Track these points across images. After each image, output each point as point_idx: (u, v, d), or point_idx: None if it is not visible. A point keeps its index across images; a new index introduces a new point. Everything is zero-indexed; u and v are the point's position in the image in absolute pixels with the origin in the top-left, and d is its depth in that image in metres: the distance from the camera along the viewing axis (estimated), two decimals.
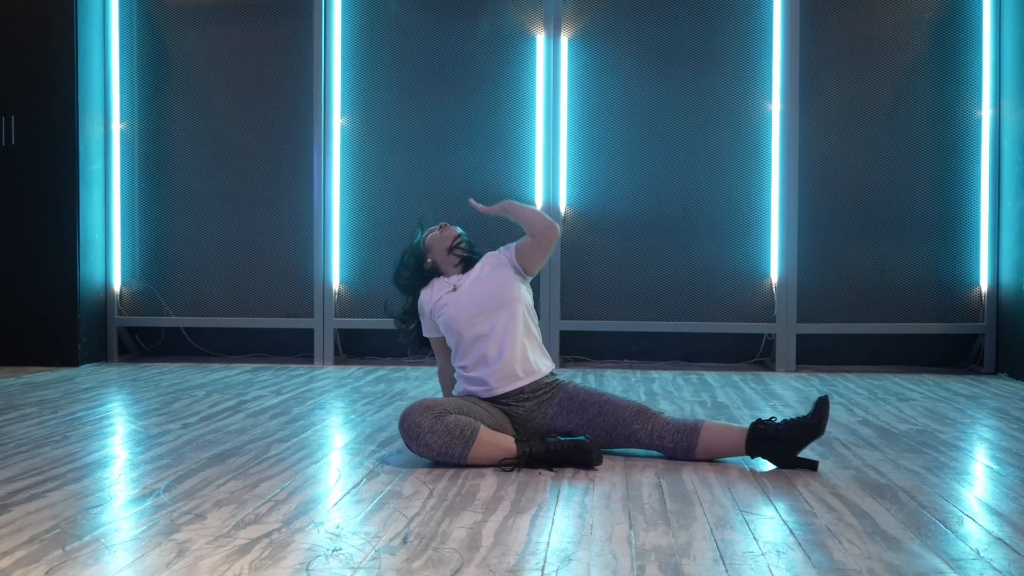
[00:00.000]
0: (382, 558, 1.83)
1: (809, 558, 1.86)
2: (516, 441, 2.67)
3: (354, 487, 2.42)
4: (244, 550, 1.88)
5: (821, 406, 2.65)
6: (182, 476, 2.53)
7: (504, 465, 2.63)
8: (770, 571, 1.78)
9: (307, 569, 1.76)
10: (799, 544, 1.95)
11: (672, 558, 1.85)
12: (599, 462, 2.67)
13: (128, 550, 1.88)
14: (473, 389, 2.88)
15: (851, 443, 3.04)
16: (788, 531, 2.04)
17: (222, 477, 2.52)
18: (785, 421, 2.67)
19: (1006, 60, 4.89)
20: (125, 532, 2.01)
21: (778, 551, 1.90)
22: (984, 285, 5.03)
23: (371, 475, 2.56)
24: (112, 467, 2.65)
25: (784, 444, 2.62)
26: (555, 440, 2.67)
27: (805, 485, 2.46)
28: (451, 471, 2.60)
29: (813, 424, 2.62)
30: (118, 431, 3.23)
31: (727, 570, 1.79)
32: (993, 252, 4.99)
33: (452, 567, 1.78)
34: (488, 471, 2.61)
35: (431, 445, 2.62)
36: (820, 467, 2.64)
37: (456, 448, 2.62)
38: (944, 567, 1.81)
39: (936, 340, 5.20)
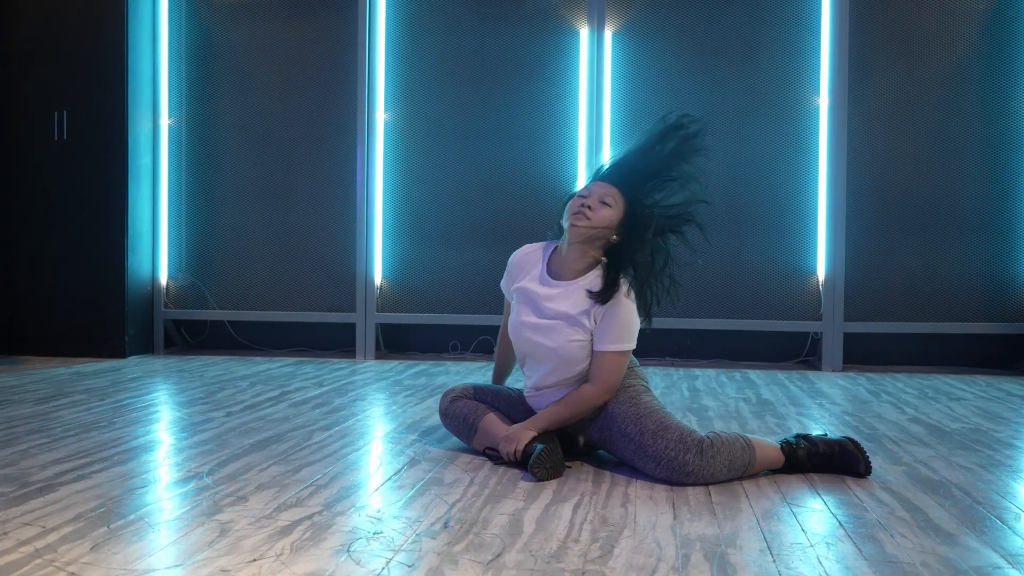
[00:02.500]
0: (423, 541, 1.82)
1: (860, 550, 1.81)
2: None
3: (395, 474, 2.41)
4: (286, 531, 1.88)
5: (849, 450, 2.42)
6: (225, 461, 2.54)
7: (488, 454, 2.57)
8: (819, 563, 1.73)
9: (348, 551, 1.75)
10: (849, 537, 1.90)
11: (718, 547, 1.81)
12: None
13: (171, 529, 1.89)
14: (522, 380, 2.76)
15: (901, 440, 2.97)
16: (837, 523, 1.99)
17: (265, 462, 2.53)
18: (816, 452, 2.44)
19: None
20: (168, 512, 2.02)
21: (827, 543, 1.85)
22: None
23: (412, 463, 2.55)
24: (156, 451, 2.68)
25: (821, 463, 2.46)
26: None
27: (854, 480, 2.40)
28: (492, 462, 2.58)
29: (840, 466, 2.43)
30: (163, 418, 3.26)
31: (775, 560, 1.74)
32: None
33: (494, 551, 1.76)
34: None
35: (448, 428, 2.73)
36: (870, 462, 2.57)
37: (464, 433, 2.68)
38: (1002, 562, 1.75)
39: (987, 340, 5.06)
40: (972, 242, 4.97)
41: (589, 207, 2.51)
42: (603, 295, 2.49)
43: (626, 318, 2.51)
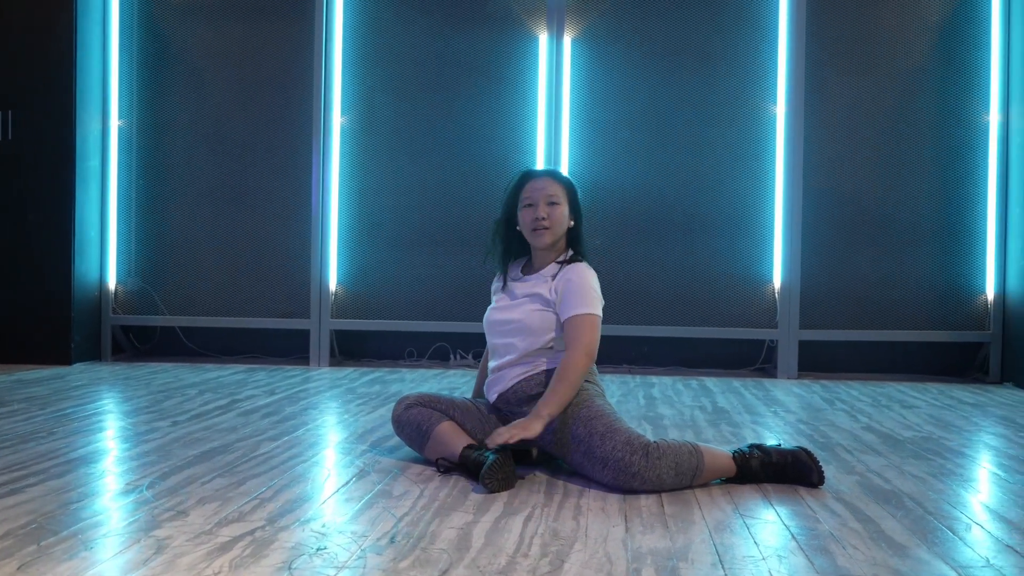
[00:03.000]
0: (368, 557, 1.76)
1: (812, 563, 1.79)
2: (468, 448, 2.48)
3: (343, 486, 2.35)
4: (225, 547, 1.81)
5: (802, 460, 2.41)
6: (167, 473, 2.46)
7: (440, 464, 2.51)
8: None
9: (289, 568, 1.70)
10: (801, 549, 1.88)
11: (669, 561, 1.78)
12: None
13: (105, 546, 1.81)
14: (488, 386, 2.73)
15: (855, 448, 2.97)
16: (790, 536, 1.97)
17: (208, 474, 2.45)
18: (769, 462, 2.42)
19: (1015, 63, 4.84)
20: (104, 528, 1.94)
21: (779, 556, 1.83)
22: (990, 293, 4.96)
23: (361, 474, 2.49)
24: (97, 463, 2.59)
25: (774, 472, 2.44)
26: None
27: (807, 490, 2.39)
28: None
29: (792, 476, 2.42)
30: (106, 428, 3.17)
31: (726, 574, 1.72)
32: (1000, 259, 4.91)
33: (440, 567, 1.71)
34: None
35: (401, 435, 2.68)
36: (823, 471, 2.56)
37: (416, 441, 2.62)
38: (952, 575, 1.74)
39: (941, 348, 5.12)
40: (926, 251, 5.03)
41: (543, 218, 2.62)
42: (561, 265, 2.66)
43: (583, 282, 2.58)
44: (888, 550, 1.88)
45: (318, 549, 1.81)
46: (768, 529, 2.02)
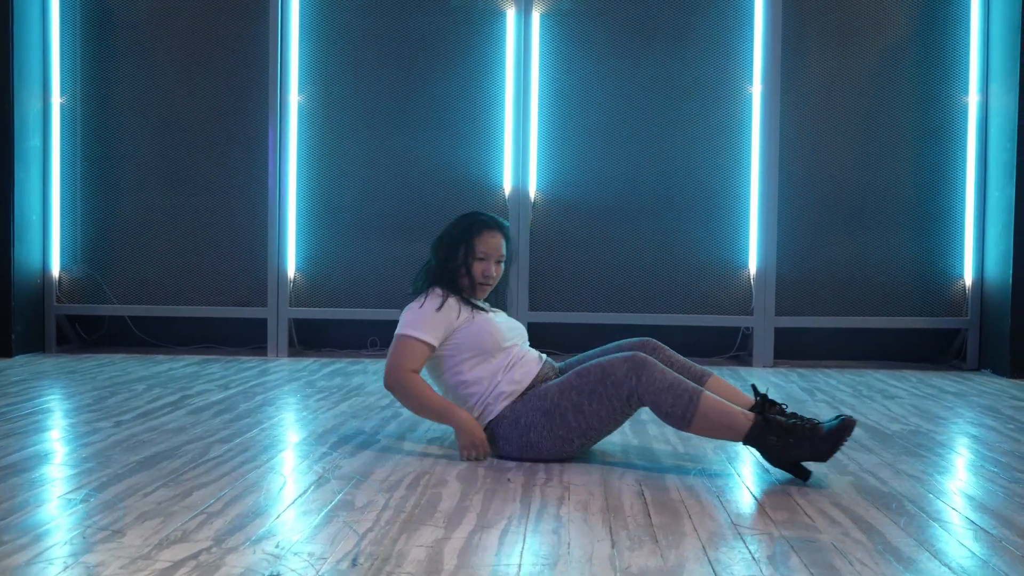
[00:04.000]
0: None
1: None
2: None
3: (300, 496, 2.15)
4: None
5: (842, 429, 2.26)
6: (105, 483, 2.24)
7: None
8: None
9: None
10: (805, 567, 1.71)
11: None
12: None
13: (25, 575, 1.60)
14: (513, 388, 2.60)
15: (844, 445, 2.81)
16: (790, 549, 1.81)
17: (151, 484, 2.23)
18: (795, 425, 2.31)
19: (994, 43, 4.72)
20: (28, 552, 1.72)
21: (781, 575, 1.67)
22: (968, 278, 4.86)
23: (320, 481, 2.28)
24: (25, 473, 2.35)
25: (784, 453, 2.31)
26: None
27: (802, 495, 2.23)
28: (411, 476, 2.34)
29: (823, 450, 2.27)
30: (42, 429, 2.92)
31: None
32: (978, 244, 4.81)
33: None
34: (451, 477, 2.35)
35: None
36: (816, 472, 2.41)
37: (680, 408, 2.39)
38: None
39: (918, 335, 5.02)
40: (904, 235, 4.91)
41: (492, 276, 2.77)
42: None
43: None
44: (897, 565, 1.72)
45: (270, 575, 1.61)
46: (766, 543, 1.85)
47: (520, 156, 4.90)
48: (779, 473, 2.42)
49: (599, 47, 4.94)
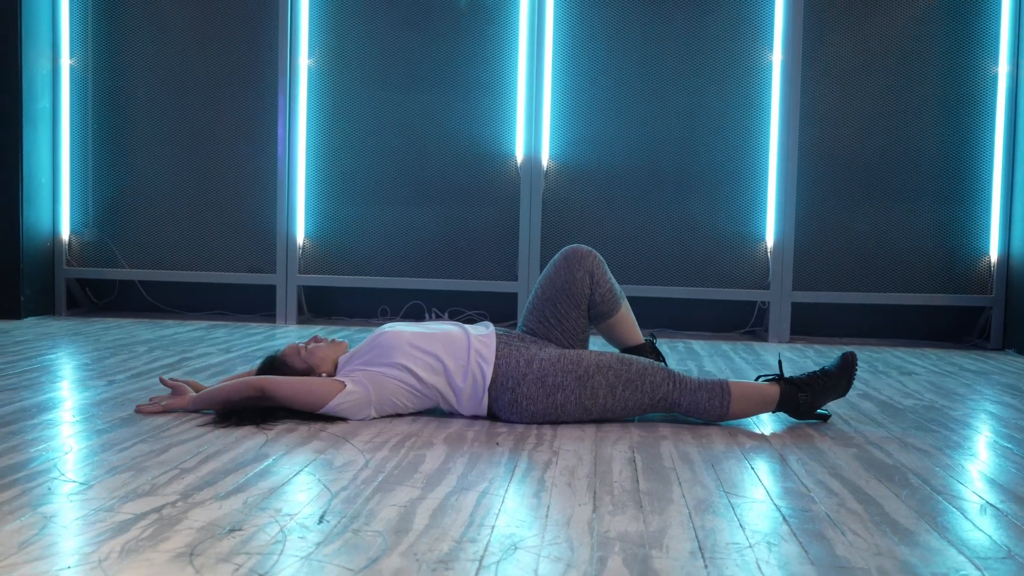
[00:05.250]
0: (287, 541, 1.50)
1: (806, 552, 1.54)
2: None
3: (281, 455, 2.09)
4: (122, 528, 1.54)
5: (848, 364, 2.56)
6: (84, 436, 2.19)
7: None
8: (759, 567, 1.46)
9: (190, 555, 1.43)
10: (794, 535, 1.62)
11: (640, 549, 1.53)
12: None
13: None
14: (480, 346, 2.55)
15: (851, 418, 2.72)
16: (781, 518, 1.72)
17: (129, 440, 2.18)
18: (813, 377, 2.57)
19: None
20: None
21: (769, 543, 1.58)
22: (994, 255, 4.70)
23: (303, 440, 2.22)
24: (12, 424, 2.31)
25: (813, 405, 2.56)
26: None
27: (801, 463, 2.14)
28: (397, 438, 2.27)
29: (843, 386, 2.57)
30: (34, 386, 2.89)
31: (706, 565, 1.46)
32: (1005, 220, 4.65)
33: (370, 554, 1.45)
34: (439, 440, 2.28)
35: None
36: (817, 443, 2.32)
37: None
38: (967, 565, 1.49)
39: (940, 312, 4.87)
40: (928, 209, 4.76)
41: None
42: None
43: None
44: (893, 536, 1.63)
45: (230, 530, 1.55)
46: (756, 510, 1.77)
47: (533, 123, 4.79)
48: (780, 444, 2.33)
49: (615, 11, 4.81)
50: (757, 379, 2.63)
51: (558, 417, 2.48)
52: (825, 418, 2.61)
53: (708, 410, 2.50)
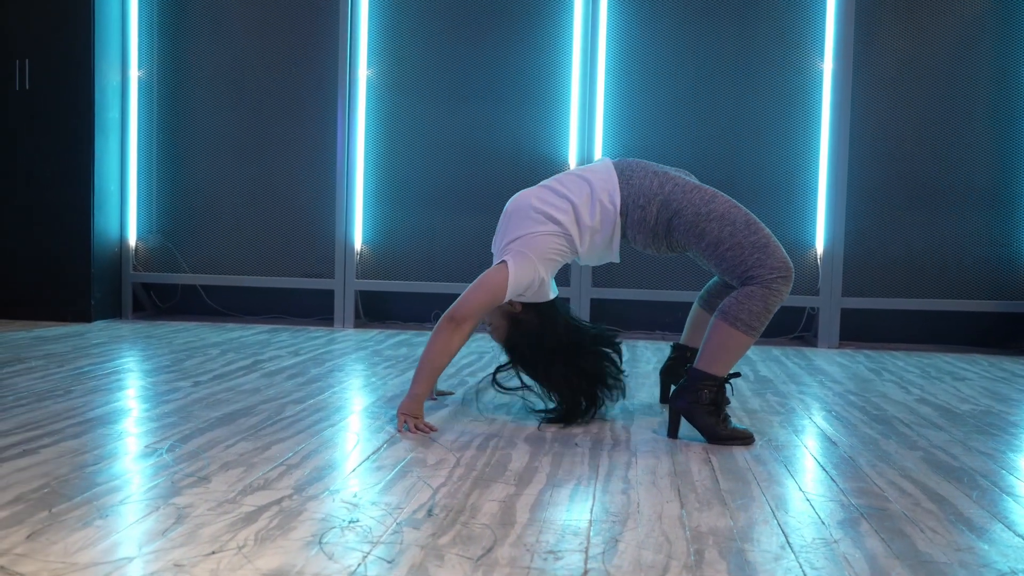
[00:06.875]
0: (404, 532, 1.62)
1: (889, 547, 1.63)
2: None
3: (374, 453, 2.21)
4: (250, 518, 1.67)
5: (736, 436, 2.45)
6: (188, 435, 2.33)
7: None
8: (847, 561, 1.55)
9: (320, 542, 1.56)
10: (875, 532, 1.72)
11: (733, 543, 1.63)
12: None
13: (121, 514, 1.68)
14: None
15: (912, 423, 2.80)
16: (860, 516, 1.81)
17: (231, 438, 2.32)
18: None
19: None
20: (121, 494, 1.81)
21: (852, 539, 1.67)
22: None
23: (392, 441, 2.35)
24: (114, 424, 2.46)
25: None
26: None
27: (871, 467, 2.23)
28: (480, 438, 2.39)
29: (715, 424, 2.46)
30: (124, 387, 3.04)
31: (797, 558, 1.56)
32: None
33: (484, 544, 1.57)
34: (520, 440, 2.40)
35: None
36: (883, 446, 2.41)
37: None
38: None
39: (989, 319, 4.92)
40: (979, 216, 4.80)
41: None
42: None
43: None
44: (970, 534, 1.72)
45: (350, 522, 1.67)
46: (835, 508, 1.86)
47: (585, 131, 4.90)
48: (847, 446, 2.42)
49: (666, 20, 4.91)
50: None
51: (672, 216, 2.83)
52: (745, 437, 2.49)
53: (747, 320, 2.46)
